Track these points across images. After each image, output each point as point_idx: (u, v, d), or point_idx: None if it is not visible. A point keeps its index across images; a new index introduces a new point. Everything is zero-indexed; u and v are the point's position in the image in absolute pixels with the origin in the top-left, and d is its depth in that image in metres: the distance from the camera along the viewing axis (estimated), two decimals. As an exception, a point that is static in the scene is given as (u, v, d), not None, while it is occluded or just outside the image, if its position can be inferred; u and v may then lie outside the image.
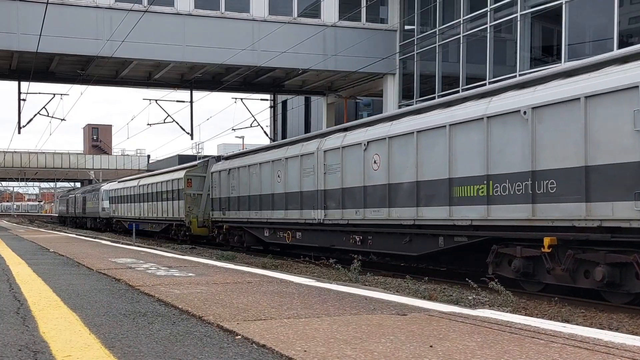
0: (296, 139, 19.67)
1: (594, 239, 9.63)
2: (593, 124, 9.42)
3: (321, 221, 16.88)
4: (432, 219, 12.92)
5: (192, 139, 69.40)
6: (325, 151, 16.63)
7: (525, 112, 10.56)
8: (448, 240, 12.72)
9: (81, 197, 55.18)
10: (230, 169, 22.76)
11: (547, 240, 10.17)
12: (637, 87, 8.88)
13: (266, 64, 27.15)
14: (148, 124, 35.26)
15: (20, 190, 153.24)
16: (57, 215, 78.21)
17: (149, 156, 77.91)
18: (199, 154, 59.10)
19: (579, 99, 9.63)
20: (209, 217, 25.46)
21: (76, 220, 57.83)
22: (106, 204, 44.58)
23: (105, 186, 46.65)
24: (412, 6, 27.92)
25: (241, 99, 33.62)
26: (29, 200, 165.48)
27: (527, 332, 4.21)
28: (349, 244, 15.92)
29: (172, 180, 28.76)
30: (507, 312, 6.93)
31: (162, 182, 30.62)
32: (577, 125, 9.62)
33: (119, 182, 43.94)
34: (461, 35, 25.04)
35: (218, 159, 25.97)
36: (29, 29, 24.19)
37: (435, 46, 26.55)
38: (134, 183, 37.03)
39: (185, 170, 27.59)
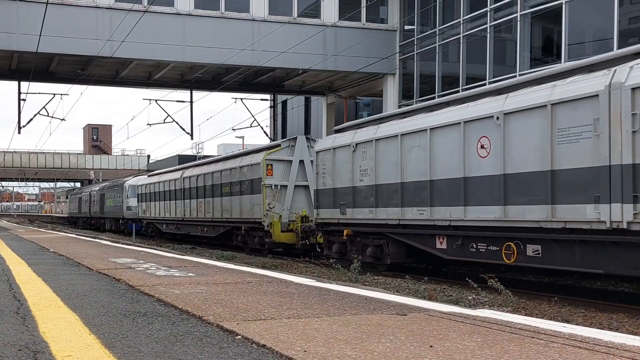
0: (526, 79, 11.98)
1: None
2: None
3: (621, 226, 9.22)
4: None
5: (192, 139, 69.42)
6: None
7: None
8: None
9: (98, 195, 48.25)
10: (358, 144, 15.29)
11: None
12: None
13: (266, 64, 27.15)
14: (148, 124, 35.29)
15: (20, 190, 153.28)
16: (66, 215, 72.17)
17: (149, 156, 77.93)
18: (199, 154, 59.09)
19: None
20: (305, 218, 19.68)
21: (91, 221, 51.49)
22: (133, 202, 38.04)
23: (131, 181, 40.04)
24: (412, 6, 27.92)
25: (241, 99, 33.63)
26: (29, 200, 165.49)
27: (527, 332, 4.21)
28: None
29: (242, 167, 22.38)
30: (507, 312, 6.93)
31: (223, 171, 24.19)
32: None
33: (149, 175, 37.56)
34: (461, 35, 25.04)
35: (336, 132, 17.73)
36: (29, 29, 24.19)
37: (435, 46, 26.55)
38: (175, 175, 30.19)
39: (264, 153, 21.08)
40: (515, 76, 21.66)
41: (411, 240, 13.93)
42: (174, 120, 32.95)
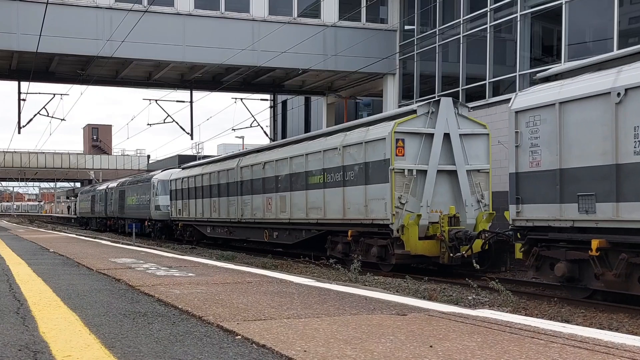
0: None
1: None
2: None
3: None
4: None
5: (192, 139, 69.49)
6: None
7: None
8: None
9: (116, 192, 42.21)
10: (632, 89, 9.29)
11: None
12: None
13: (266, 64, 27.15)
14: (148, 124, 35.26)
15: (20, 190, 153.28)
16: (76, 216, 64.06)
17: (149, 156, 77.93)
18: (199, 154, 59.05)
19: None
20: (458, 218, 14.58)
21: (106, 222, 45.60)
22: (163, 200, 32.36)
23: (161, 175, 34.42)
24: (412, 6, 27.91)
25: (241, 99, 33.62)
26: (29, 200, 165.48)
27: (527, 332, 4.21)
28: None
29: (348, 146, 16.13)
30: (507, 312, 6.94)
31: (312, 154, 17.82)
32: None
33: (183, 168, 31.15)
34: (461, 35, 25.03)
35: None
36: (29, 29, 24.18)
37: (435, 46, 26.54)
38: (228, 164, 24.05)
39: (392, 123, 14.80)
40: (515, 76, 21.70)
41: None
42: (174, 120, 32.95)
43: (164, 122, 33.37)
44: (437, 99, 15.57)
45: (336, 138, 16.89)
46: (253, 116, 33.83)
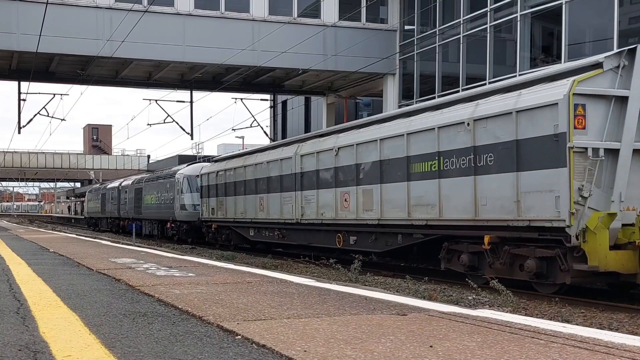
0: None
1: None
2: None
3: None
4: None
5: (192, 139, 69.45)
6: None
7: None
8: None
9: (132, 190, 37.80)
10: None
11: None
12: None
13: (266, 64, 27.15)
14: (148, 124, 35.26)
15: (20, 190, 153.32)
16: (84, 216, 58.47)
17: (149, 156, 77.96)
18: (199, 154, 59.05)
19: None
20: None
21: (119, 223, 41.36)
22: (190, 198, 28.24)
23: (186, 170, 29.79)
24: (412, 6, 27.91)
25: (241, 99, 33.63)
26: (29, 200, 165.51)
27: (527, 332, 4.21)
28: None
29: (488, 119, 11.70)
30: (507, 312, 6.94)
31: (414, 134, 13.55)
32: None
33: (215, 161, 27.79)
34: (461, 35, 25.03)
35: None
36: (29, 29, 24.18)
37: (435, 46, 26.54)
38: (282, 153, 19.58)
39: (570, 82, 10.34)
40: (514, 76, 21.69)
41: None
42: (174, 120, 32.96)
43: (164, 122, 33.39)
44: (631, 47, 10.68)
45: (460, 110, 12.53)
46: (253, 116, 33.86)
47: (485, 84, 23.23)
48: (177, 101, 33.00)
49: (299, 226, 18.56)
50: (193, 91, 31.41)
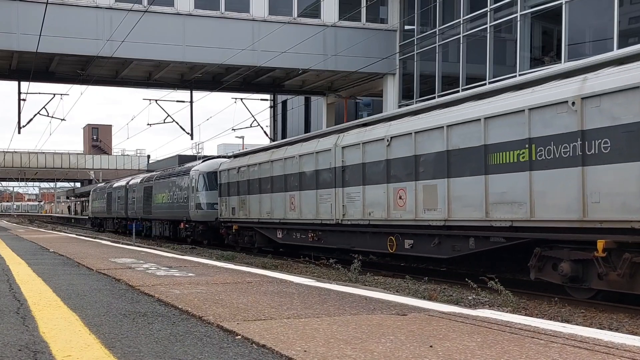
0: None
1: None
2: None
3: None
4: None
5: (192, 139, 69.51)
6: None
7: None
8: None
9: (140, 189, 35.42)
10: None
11: None
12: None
13: (266, 64, 27.15)
14: (148, 124, 35.27)
15: (20, 190, 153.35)
16: (89, 217, 55.96)
17: (149, 156, 77.99)
18: (199, 154, 59.03)
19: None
20: None
21: (127, 224, 38.41)
22: (207, 196, 25.75)
23: (202, 166, 27.20)
24: (412, 6, 27.92)
25: (241, 99, 33.64)
26: (29, 200, 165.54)
27: (527, 332, 4.21)
28: None
29: (603, 95, 9.38)
30: (507, 312, 6.94)
31: (507, 115, 11.21)
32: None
33: (235, 156, 25.25)
34: (461, 35, 25.04)
35: None
36: (29, 29, 24.19)
37: (435, 46, 26.55)
38: (321, 144, 17.34)
39: None
40: (515, 76, 21.67)
41: None
42: (174, 120, 32.97)
43: (164, 122, 33.40)
44: None
45: (559, 87, 10.38)
46: (253, 116, 33.86)
47: (485, 84, 23.25)
48: (177, 101, 33.03)
49: (339, 227, 16.19)
50: (193, 91, 31.43)
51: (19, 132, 37.61)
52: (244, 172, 21.97)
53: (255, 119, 33.92)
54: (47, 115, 32.69)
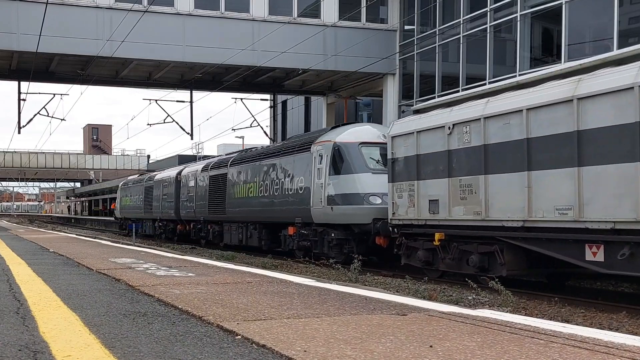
0: None
1: None
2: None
3: None
4: None
5: (192, 139, 69.46)
6: None
7: None
8: None
9: (205, 178, 26.04)
10: None
11: None
12: None
13: (266, 64, 27.15)
14: (148, 124, 35.23)
15: (20, 190, 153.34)
16: (115, 217, 44.30)
17: (149, 156, 77.99)
18: (199, 154, 59.02)
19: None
20: None
21: (175, 228, 29.84)
22: (350, 182, 16.45)
23: (337, 135, 17.53)
24: (412, 6, 27.91)
25: (241, 99, 33.64)
26: (29, 200, 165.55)
27: (527, 332, 4.21)
28: None
29: None
30: (507, 312, 6.94)
31: None
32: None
33: (414, 112, 15.16)
34: (461, 35, 25.03)
35: None
36: (29, 29, 24.18)
37: (435, 46, 26.54)
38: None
39: None
40: (514, 76, 21.68)
41: None
42: (174, 120, 32.96)
43: (164, 122, 33.39)
44: None
45: None
46: (253, 116, 33.86)
47: (485, 84, 23.24)
48: (177, 101, 33.02)
49: None
50: (193, 91, 31.42)
51: (19, 132, 37.62)
52: (464, 136, 12.39)
53: (255, 119, 33.93)
54: (47, 115, 32.71)
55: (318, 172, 17.39)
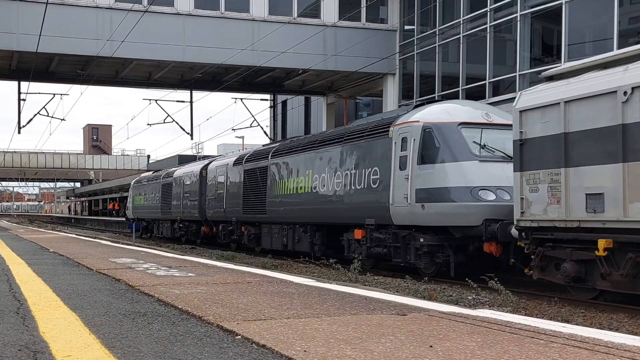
0: None
1: None
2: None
3: None
4: None
5: (192, 139, 69.47)
6: None
7: None
8: None
9: (238, 172, 22.28)
10: None
11: None
12: None
13: (266, 64, 27.15)
14: (148, 124, 35.24)
15: (20, 190, 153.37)
16: (127, 218, 39.84)
17: (149, 156, 77.93)
18: (199, 154, 58.99)
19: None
20: None
21: (198, 230, 26.25)
22: (448, 173, 12.75)
23: (426, 115, 13.70)
24: (412, 6, 27.92)
25: (241, 99, 33.63)
26: (28, 200, 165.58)
27: (527, 332, 4.21)
28: None
29: None
30: (507, 312, 6.94)
31: None
32: None
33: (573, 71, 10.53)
34: (461, 35, 25.03)
35: None
36: (29, 29, 24.18)
37: (435, 46, 26.54)
38: None
39: None
40: (514, 76, 21.69)
41: None
42: (174, 120, 32.96)
43: (164, 122, 33.39)
44: None
45: None
46: (253, 116, 33.86)
47: (485, 84, 23.25)
48: (177, 101, 33.02)
49: None
50: (193, 91, 31.42)
51: (19, 132, 37.59)
52: None
53: (255, 119, 33.94)
54: (47, 115, 32.71)
55: (400, 162, 13.73)
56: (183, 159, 47.67)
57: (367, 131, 15.30)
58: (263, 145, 23.70)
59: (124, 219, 44.24)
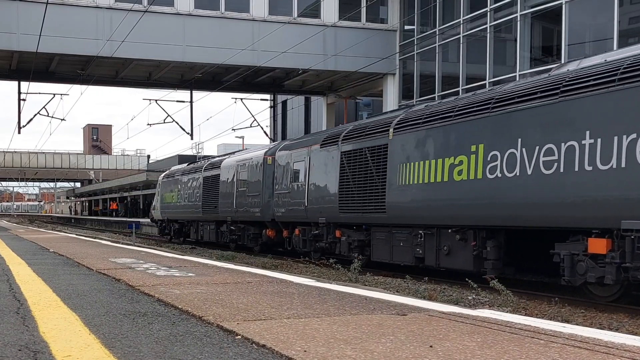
0: None
1: None
2: None
3: None
4: None
5: (192, 139, 69.43)
6: None
7: None
8: None
9: (323, 157, 16.57)
10: None
11: None
12: None
13: (266, 64, 27.15)
14: (148, 124, 35.24)
15: (20, 190, 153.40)
16: (151, 218, 33.84)
17: (149, 156, 78.00)
18: (199, 154, 58.98)
19: None
20: None
21: (259, 235, 21.10)
22: None
23: None
24: (412, 6, 27.92)
25: (241, 99, 33.64)
26: (29, 200, 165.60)
27: (527, 332, 4.21)
28: None
29: None
30: (507, 312, 6.94)
31: None
32: None
33: None
34: (461, 35, 25.04)
35: None
36: (29, 29, 24.19)
37: (435, 46, 26.54)
38: None
39: None
40: (515, 76, 21.67)
41: None
42: (174, 120, 32.96)
43: (164, 122, 33.39)
44: None
45: None
46: (253, 116, 33.87)
47: (485, 84, 23.23)
48: (177, 101, 33.02)
49: None
50: (193, 91, 31.43)
51: (19, 132, 37.62)
52: None
53: (255, 119, 33.94)
54: (47, 115, 32.73)
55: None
56: (183, 159, 47.60)
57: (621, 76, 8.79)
58: (367, 117, 18.74)
59: (124, 219, 43.92)
